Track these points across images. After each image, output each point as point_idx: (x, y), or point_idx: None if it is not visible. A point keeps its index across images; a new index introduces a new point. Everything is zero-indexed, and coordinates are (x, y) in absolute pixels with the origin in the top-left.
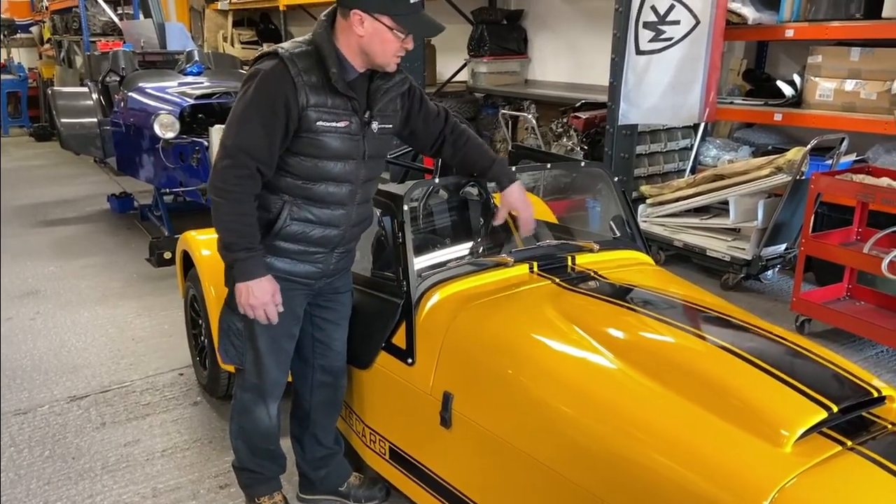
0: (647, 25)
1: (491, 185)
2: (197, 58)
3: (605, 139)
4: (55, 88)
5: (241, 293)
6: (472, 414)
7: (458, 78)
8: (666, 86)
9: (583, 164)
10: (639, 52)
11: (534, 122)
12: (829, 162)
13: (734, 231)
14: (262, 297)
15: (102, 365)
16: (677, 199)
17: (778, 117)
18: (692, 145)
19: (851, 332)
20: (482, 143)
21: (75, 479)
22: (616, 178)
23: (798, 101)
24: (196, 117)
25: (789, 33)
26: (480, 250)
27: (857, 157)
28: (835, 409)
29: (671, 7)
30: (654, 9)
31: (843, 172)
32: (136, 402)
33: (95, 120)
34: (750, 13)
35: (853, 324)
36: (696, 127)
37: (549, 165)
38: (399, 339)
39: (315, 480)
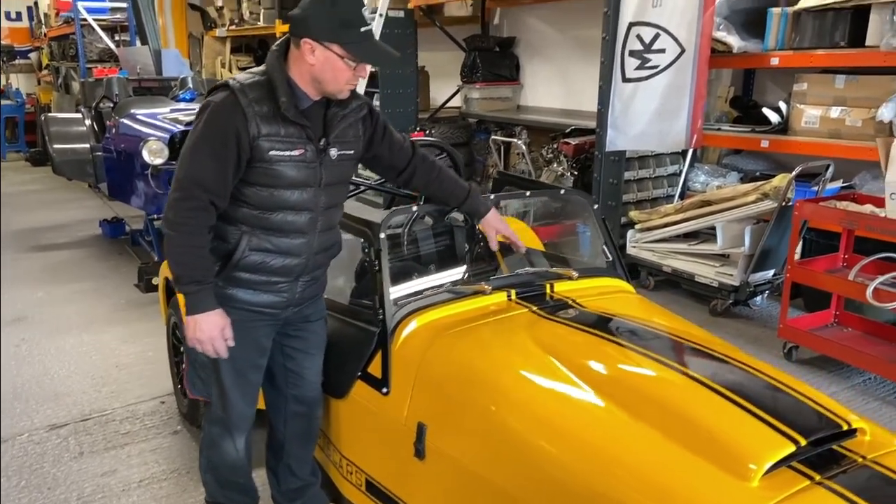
0: (633, 53)
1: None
2: (191, 84)
3: (594, 165)
4: (48, 114)
5: (189, 327)
6: (445, 446)
7: (452, 104)
8: (652, 113)
9: (562, 191)
10: (625, 79)
11: (524, 147)
12: (816, 188)
13: (723, 257)
14: (209, 331)
15: (84, 393)
16: (666, 225)
17: (764, 144)
18: (681, 171)
19: (839, 360)
20: (455, 175)
21: None
22: (596, 206)
23: (784, 127)
24: None
25: (774, 61)
26: (463, 277)
27: (843, 183)
28: (803, 442)
29: (656, 36)
30: (639, 37)
31: (827, 199)
32: (115, 431)
33: (88, 146)
34: (735, 41)
35: (840, 351)
36: (684, 153)
37: (528, 193)
38: (375, 369)
39: None
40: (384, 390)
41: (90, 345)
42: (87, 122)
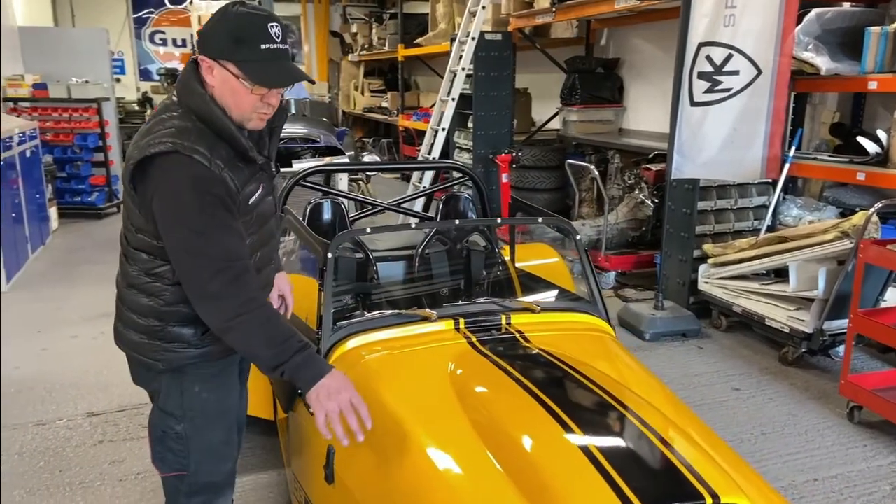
0: (701, 76)
1: None
2: (293, 109)
3: (667, 193)
4: None
5: (321, 398)
6: (344, 474)
7: (552, 125)
8: (724, 139)
9: (540, 220)
10: (693, 103)
11: (596, 172)
12: None
13: (803, 300)
14: (346, 389)
15: (130, 385)
16: (740, 261)
17: (861, 176)
18: (769, 203)
19: None
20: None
21: (52, 491)
22: (579, 236)
23: (885, 159)
24: None
25: (872, 85)
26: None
27: None
28: None
29: (729, 56)
30: (709, 58)
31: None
32: (139, 424)
33: None
34: (824, 63)
35: None
36: (774, 183)
37: (498, 220)
38: None
39: None
40: (311, 409)
41: None
42: None
